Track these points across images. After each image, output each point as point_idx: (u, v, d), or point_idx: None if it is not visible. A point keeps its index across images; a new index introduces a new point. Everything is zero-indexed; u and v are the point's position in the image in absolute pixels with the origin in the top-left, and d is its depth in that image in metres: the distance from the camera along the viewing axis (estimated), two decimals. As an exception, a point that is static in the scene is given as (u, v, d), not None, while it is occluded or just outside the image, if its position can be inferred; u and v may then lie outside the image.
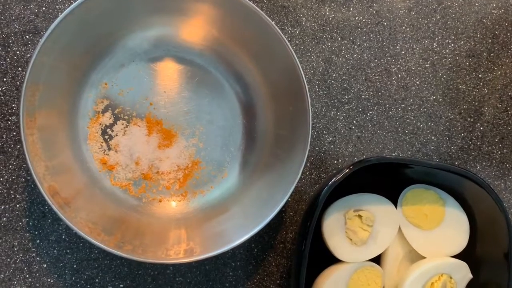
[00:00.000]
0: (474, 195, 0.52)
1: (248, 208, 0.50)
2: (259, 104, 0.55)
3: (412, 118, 0.60)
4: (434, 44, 0.62)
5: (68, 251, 0.52)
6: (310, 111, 0.49)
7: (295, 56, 0.49)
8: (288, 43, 0.49)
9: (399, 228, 0.53)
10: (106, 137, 0.52)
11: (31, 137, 0.44)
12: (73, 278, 0.51)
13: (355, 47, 0.60)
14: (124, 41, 0.52)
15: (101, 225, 0.46)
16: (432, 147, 0.61)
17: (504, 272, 0.50)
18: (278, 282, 0.56)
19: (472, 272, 0.53)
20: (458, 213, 0.54)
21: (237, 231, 0.48)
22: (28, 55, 0.53)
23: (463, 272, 0.53)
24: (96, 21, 0.47)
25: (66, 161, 0.49)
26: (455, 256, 0.53)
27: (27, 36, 0.53)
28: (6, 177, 0.51)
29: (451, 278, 0.52)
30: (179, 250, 0.46)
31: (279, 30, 0.48)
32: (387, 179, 0.53)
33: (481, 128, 0.62)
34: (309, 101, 0.49)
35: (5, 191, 0.51)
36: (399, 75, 0.60)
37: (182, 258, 0.45)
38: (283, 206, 0.56)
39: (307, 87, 0.49)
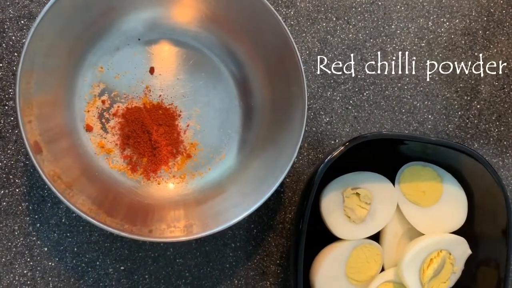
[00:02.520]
0: (472, 171, 0.53)
1: (246, 188, 0.51)
2: (255, 85, 0.55)
3: (409, 97, 0.61)
4: (429, 23, 0.62)
5: (68, 234, 0.52)
6: (306, 91, 0.49)
7: (291, 36, 0.49)
8: (283, 23, 0.49)
9: (397, 205, 0.53)
10: (103, 120, 0.52)
11: (29, 124, 0.44)
12: (74, 261, 0.52)
13: (350, 27, 0.60)
14: (118, 24, 0.52)
15: (102, 207, 0.46)
16: (429, 126, 0.61)
17: (503, 248, 0.51)
18: (278, 262, 0.56)
19: (471, 248, 0.53)
20: (456, 189, 0.54)
21: (236, 210, 0.48)
22: (24, 40, 0.53)
23: (462, 248, 0.53)
24: (90, 4, 0.47)
25: (65, 145, 0.49)
26: (454, 233, 0.54)
27: (22, 21, 0.53)
28: (5, 162, 0.51)
29: (450, 254, 0.52)
30: (178, 228, 0.46)
31: (273, 10, 0.49)
32: (384, 157, 0.54)
33: (478, 106, 0.62)
34: (305, 81, 0.49)
35: (4, 176, 0.51)
36: (395, 55, 0.61)
37: (182, 236, 0.45)
38: (282, 187, 0.56)
39: (302, 67, 0.49)
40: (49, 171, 0.44)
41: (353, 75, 0.59)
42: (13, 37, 0.53)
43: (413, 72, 0.61)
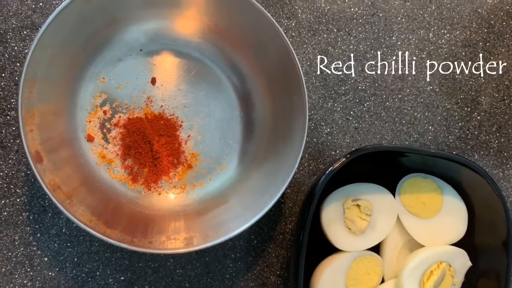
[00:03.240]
0: (472, 183, 0.53)
1: (247, 199, 0.51)
2: (256, 96, 0.55)
3: (409, 108, 0.61)
4: (430, 34, 0.62)
5: (68, 244, 0.52)
6: (307, 102, 0.50)
7: (291, 48, 0.49)
8: (284, 34, 0.49)
9: (398, 217, 0.54)
10: (105, 130, 0.52)
11: (31, 133, 0.44)
12: (74, 271, 0.52)
13: (351, 38, 0.60)
14: (120, 35, 0.52)
15: (102, 218, 0.46)
16: (429, 137, 0.61)
17: (503, 259, 0.51)
18: (278, 272, 0.56)
19: (471, 260, 0.53)
20: (456, 201, 0.54)
21: (237, 221, 0.48)
22: (26, 50, 0.53)
23: (462, 260, 0.53)
24: (92, 15, 0.48)
25: (66, 155, 0.49)
26: (454, 244, 0.54)
27: (25, 32, 0.53)
28: (6, 171, 0.51)
29: (450, 266, 0.52)
30: (179, 240, 0.46)
31: (274, 21, 0.49)
32: (385, 168, 0.54)
33: (478, 118, 0.62)
34: (306, 92, 0.49)
35: (5, 185, 0.51)
36: (395, 66, 0.61)
37: (183, 248, 0.45)
38: (282, 197, 0.56)
39: (303, 78, 0.49)
40: (50, 180, 0.44)
41: (353, 86, 0.60)
42: (16, 47, 0.53)
43: (414, 84, 0.61)
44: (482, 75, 0.63)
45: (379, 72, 0.60)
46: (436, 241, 0.53)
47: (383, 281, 0.54)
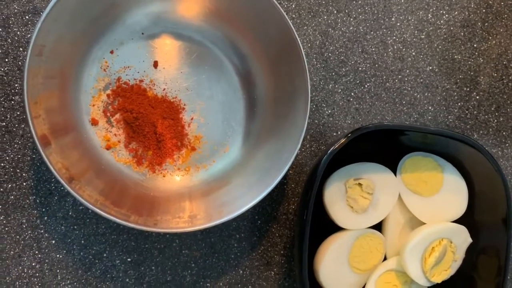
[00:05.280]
0: (472, 160, 0.53)
1: (250, 180, 0.51)
2: (258, 77, 0.55)
3: (409, 89, 0.61)
4: (429, 15, 0.62)
5: (75, 227, 0.53)
6: (309, 83, 0.50)
7: (293, 29, 0.50)
8: (285, 15, 0.49)
9: (399, 195, 0.54)
10: (108, 114, 0.52)
11: (38, 119, 0.44)
12: (81, 253, 0.53)
13: (351, 19, 0.60)
14: (122, 18, 0.52)
15: (109, 199, 0.47)
16: (429, 117, 0.62)
17: (503, 236, 0.51)
18: (282, 252, 0.57)
19: (471, 237, 0.54)
20: (456, 179, 0.55)
21: (240, 201, 0.48)
22: (29, 35, 0.53)
23: (463, 237, 0.54)
24: (94, -2, 0.48)
25: (71, 139, 0.49)
26: (455, 222, 0.54)
27: (27, 17, 0.53)
28: (12, 156, 0.52)
29: (451, 242, 0.53)
30: (183, 218, 0.47)
31: (276, 3, 0.49)
32: (386, 148, 0.54)
33: (477, 97, 0.63)
34: (308, 73, 0.50)
35: (11, 169, 0.52)
36: (395, 47, 0.61)
37: (188, 227, 0.45)
38: (285, 179, 0.57)
39: (305, 59, 0.50)
40: (57, 163, 0.44)
41: (354, 67, 0.60)
42: (18, 32, 0.53)
43: (413, 64, 0.61)
44: (480, 55, 0.63)
45: (379, 53, 0.61)
46: (437, 219, 0.54)
47: (385, 258, 0.55)
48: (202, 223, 0.47)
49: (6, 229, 0.51)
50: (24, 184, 0.52)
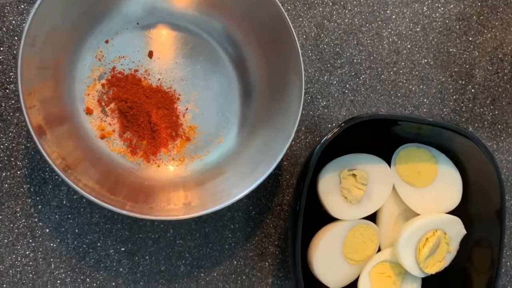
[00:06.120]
0: (466, 151, 0.53)
1: (244, 170, 0.51)
2: (253, 68, 0.56)
3: (404, 81, 0.61)
4: (424, 8, 0.63)
5: (69, 216, 0.53)
6: (304, 74, 0.50)
7: (289, 20, 0.50)
8: (281, 7, 0.49)
9: (393, 186, 0.54)
10: (103, 103, 0.52)
11: (32, 109, 0.44)
12: (75, 242, 0.53)
13: (346, 11, 0.61)
14: (117, 8, 0.52)
15: (104, 187, 0.47)
16: (424, 110, 0.62)
17: (496, 228, 0.52)
18: (276, 243, 0.57)
19: (465, 228, 0.54)
20: (450, 170, 0.55)
21: (234, 190, 0.48)
22: (24, 24, 0.53)
23: (457, 228, 0.54)
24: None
25: (66, 128, 0.49)
26: (449, 213, 0.54)
27: (22, 6, 0.54)
28: (6, 144, 0.52)
29: (445, 233, 0.53)
30: (178, 205, 0.47)
31: (270, -8, 0.49)
32: (380, 139, 0.54)
33: (473, 90, 0.63)
34: (302, 64, 0.50)
35: (5, 158, 0.52)
36: (390, 39, 0.61)
37: (182, 215, 0.45)
38: (280, 170, 0.57)
39: (300, 51, 0.50)
40: (53, 152, 0.44)
41: (349, 59, 0.60)
42: (13, 21, 0.53)
43: (409, 57, 0.62)
44: (476, 48, 0.63)
45: (374, 45, 0.61)
46: (431, 210, 0.54)
47: (379, 249, 0.55)
48: (196, 210, 0.47)
49: (0, 217, 0.51)
50: (18, 172, 0.52)
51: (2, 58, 0.53)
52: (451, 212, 0.54)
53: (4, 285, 0.51)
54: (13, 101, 0.52)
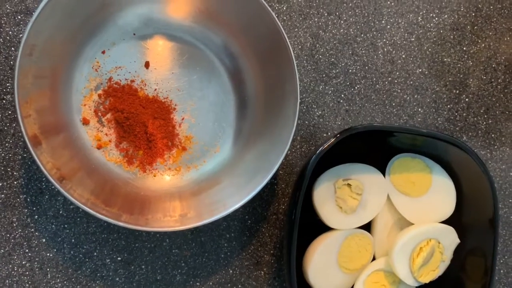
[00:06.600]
0: (460, 162, 0.54)
1: (240, 180, 0.52)
2: (248, 79, 0.56)
3: (399, 91, 0.62)
4: (419, 18, 0.63)
5: (66, 226, 0.53)
6: (299, 84, 0.50)
7: (284, 32, 0.50)
8: (275, 16, 0.50)
9: (388, 196, 0.55)
10: (100, 114, 0.53)
11: (28, 118, 0.45)
12: (72, 252, 0.53)
13: (342, 22, 0.61)
14: (114, 19, 0.53)
15: (100, 198, 0.47)
16: (419, 119, 0.62)
17: (490, 237, 0.52)
18: (272, 252, 0.57)
19: (459, 237, 0.54)
20: (444, 180, 0.55)
21: (230, 200, 0.49)
22: (20, 35, 0.53)
23: (451, 237, 0.54)
24: (86, -2, 0.48)
25: (62, 138, 0.50)
26: (443, 222, 0.55)
27: (19, 17, 0.54)
28: (3, 154, 0.52)
29: (439, 243, 0.53)
30: (174, 217, 0.47)
31: (267, 5, 0.50)
32: (375, 149, 0.55)
33: (467, 100, 0.64)
34: (297, 75, 0.50)
35: (2, 168, 0.52)
36: (385, 49, 0.62)
37: (178, 226, 0.46)
38: (275, 179, 0.57)
39: (295, 61, 0.50)
40: (48, 163, 0.45)
41: (344, 69, 0.61)
42: (10, 32, 0.53)
43: (403, 67, 0.62)
44: (470, 58, 0.64)
45: (369, 55, 0.61)
46: (425, 219, 0.55)
47: (374, 258, 0.55)
48: (193, 222, 0.47)
49: (-3, 227, 0.52)
50: (15, 182, 0.52)
51: (-1, 68, 0.53)
52: (445, 222, 0.55)
53: (1, 295, 0.51)
54: (9, 112, 0.53)
